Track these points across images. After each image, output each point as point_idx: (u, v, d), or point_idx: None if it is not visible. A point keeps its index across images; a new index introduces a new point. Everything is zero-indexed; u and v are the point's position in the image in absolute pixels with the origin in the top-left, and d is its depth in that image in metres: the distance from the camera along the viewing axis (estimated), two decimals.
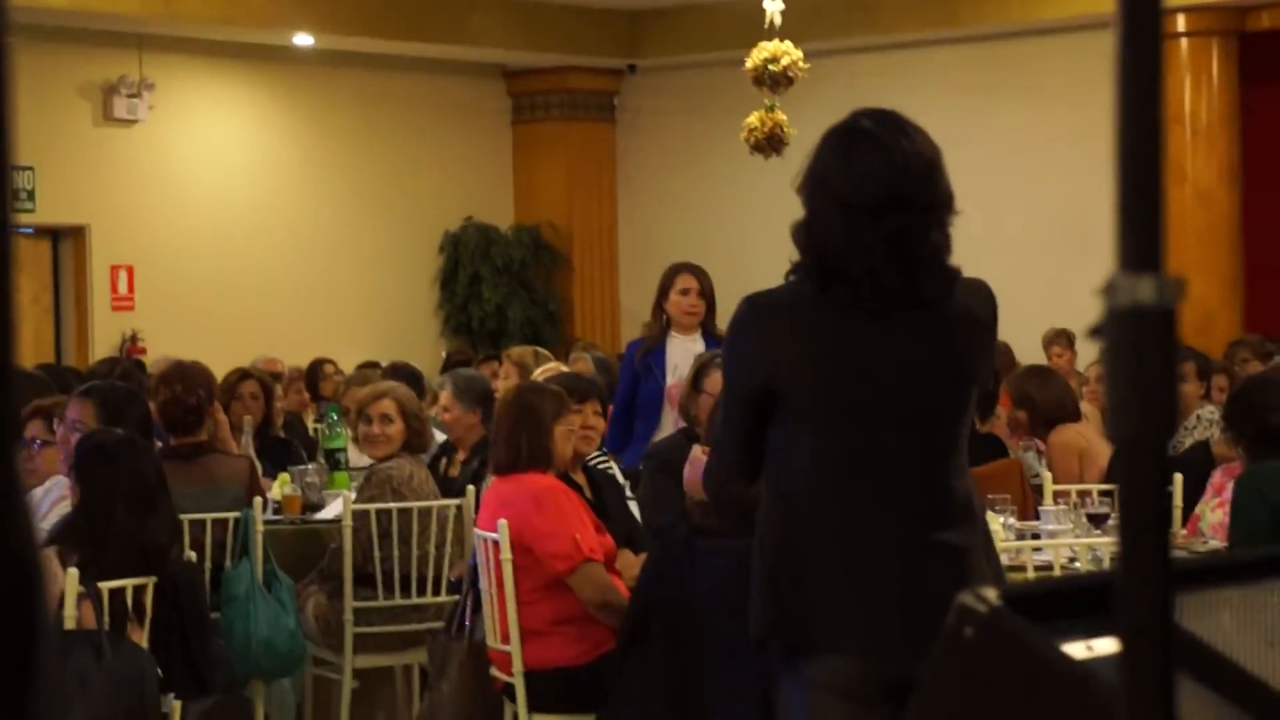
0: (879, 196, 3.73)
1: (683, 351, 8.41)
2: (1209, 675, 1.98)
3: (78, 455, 5.61)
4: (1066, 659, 1.88)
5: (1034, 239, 14.77)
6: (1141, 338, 1.06)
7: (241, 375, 8.92)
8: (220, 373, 9.18)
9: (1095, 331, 1.07)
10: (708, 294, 8.70)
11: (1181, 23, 14.54)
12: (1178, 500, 7.29)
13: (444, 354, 15.06)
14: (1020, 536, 6.46)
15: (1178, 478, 7.35)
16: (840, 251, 3.76)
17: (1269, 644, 2.06)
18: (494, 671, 6.44)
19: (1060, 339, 13.01)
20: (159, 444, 7.34)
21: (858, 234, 3.74)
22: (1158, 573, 1.08)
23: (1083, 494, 7.07)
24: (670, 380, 8.39)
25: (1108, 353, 1.08)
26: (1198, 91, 14.60)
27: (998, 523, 6.28)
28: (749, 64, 12.65)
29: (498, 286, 16.88)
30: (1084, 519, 6.41)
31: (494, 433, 6.47)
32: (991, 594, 1.95)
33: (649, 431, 8.32)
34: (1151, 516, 1.09)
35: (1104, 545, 6.07)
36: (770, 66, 12.58)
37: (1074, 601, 1.95)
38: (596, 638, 6.17)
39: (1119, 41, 1.08)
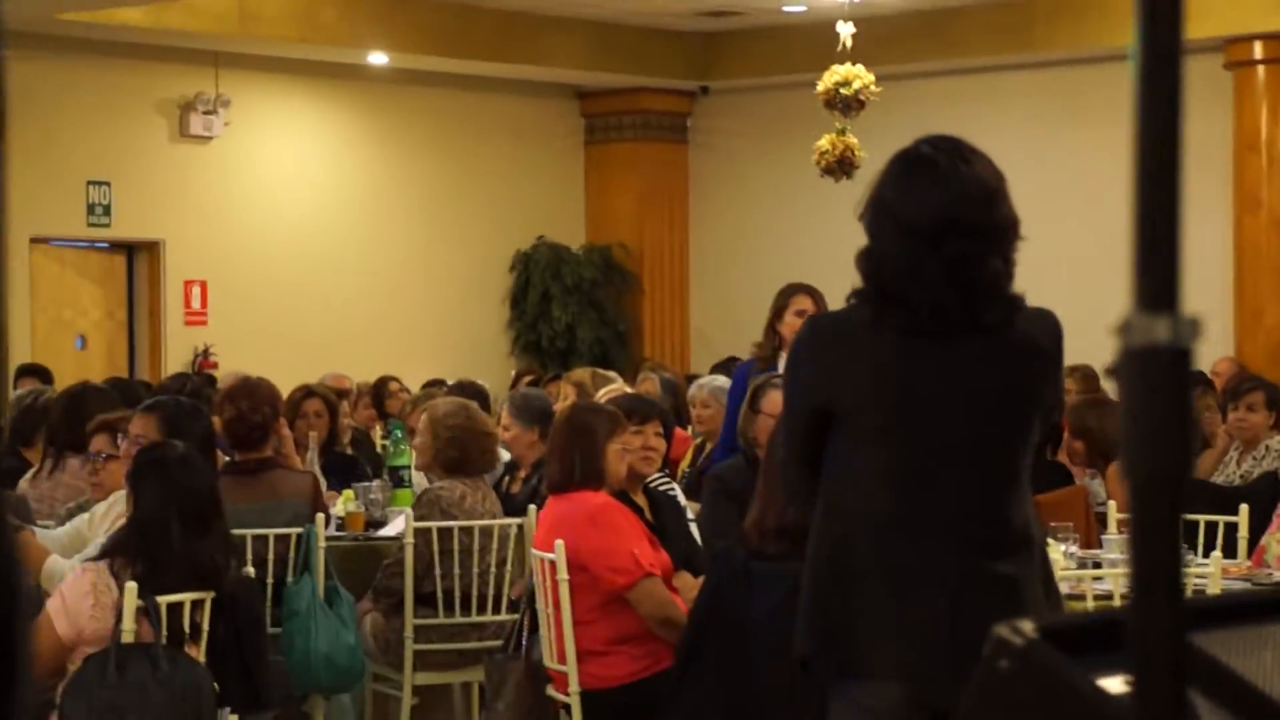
0: (937, 222, 3.72)
1: None
2: (1250, 713, 1.96)
3: (133, 468, 5.64)
4: (1102, 693, 1.87)
5: (1105, 266, 14.69)
6: (1156, 377, 1.06)
7: (306, 393, 8.97)
8: (291, 388, 9.24)
9: (1111, 371, 1.07)
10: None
11: (1258, 50, 14.44)
12: (1244, 531, 7.24)
13: (513, 373, 15.10)
14: (1081, 565, 6.42)
15: (1244, 508, 7.30)
16: (899, 277, 3.75)
17: None
18: (550, 691, 6.45)
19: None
20: (224, 459, 7.40)
21: (917, 260, 3.72)
22: (1171, 611, 1.07)
23: (1122, 524, 7.01)
24: None
25: (1123, 391, 1.08)
26: (1274, 120, 14.50)
27: (1059, 551, 6.25)
28: (820, 87, 12.67)
29: (568, 306, 16.91)
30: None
31: (548, 451, 6.49)
32: (1028, 627, 1.94)
33: None
34: (1165, 554, 1.08)
35: None
36: (842, 90, 12.59)
37: (1112, 635, 1.94)
38: (654, 655, 6.17)
39: (1137, 78, 1.07)
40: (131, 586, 5.25)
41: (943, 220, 3.71)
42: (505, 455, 8.59)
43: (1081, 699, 1.89)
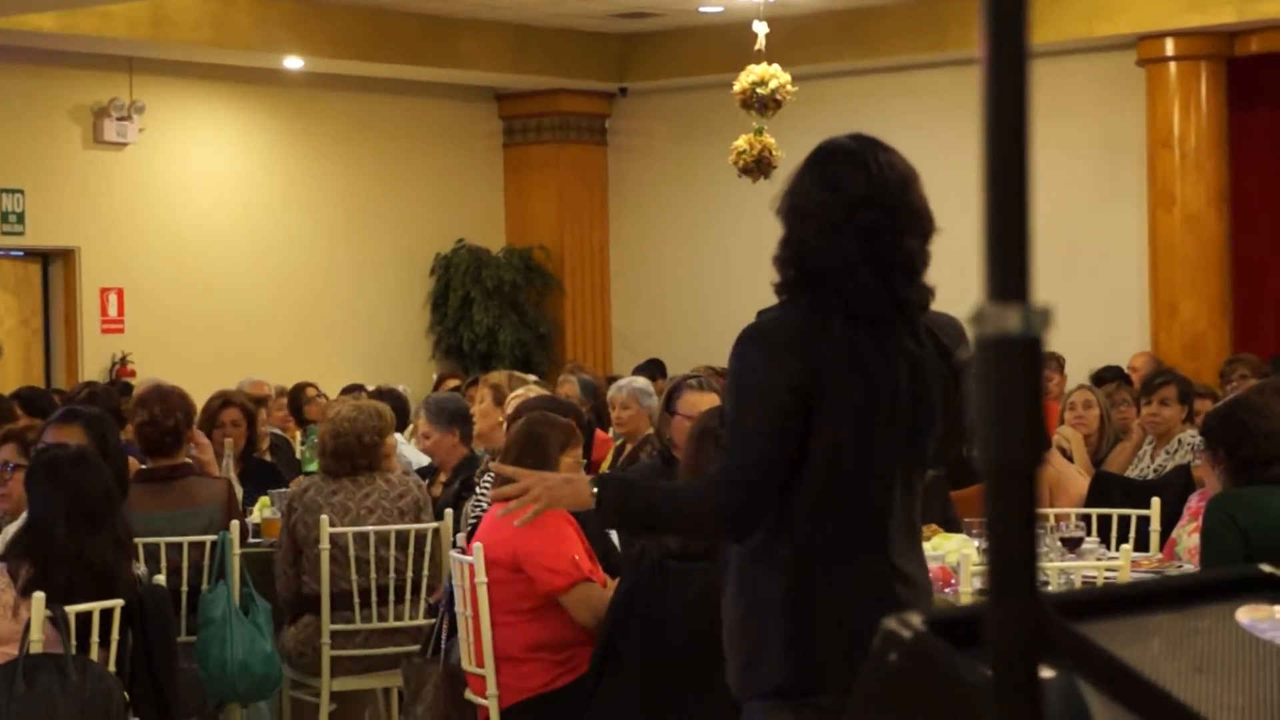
0: (852, 198, 3.72)
1: None
2: (1135, 701, 1.98)
3: (28, 470, 5.62)
4: (989, 682, 1.88)
5: None
6: (1008, 366, 1.07)
7: (224, 401, 8.92)
8: (209, 395, 9.19)
9: (964, 363, 1.08)
10: None
11: (1170, 47, 14.57)
12: (1155, 524, 7.30)
13: (435, 377, 15.07)
14: None
15: (1155, 501, 7.36)
16: (818, 255, 3.72)
17: (1197, 669, 2.06)
18: (469, 694, 6.44)
19: (1051, 362, 13.02)
20: (138, 466, 7.35)
21: (832, 234, 3.72)
22: (1026, 598, 1.08)
23: (1060, 518, 7.07)
24: None
25: (976, 381, 1.09)
26: (1186, 116, 14.62)
27: (971, 546, 6.28)
28: (737, 87, 12.70)
29: (489, 309, 16.89)
30: (1058, 543, 6.41)
31: (501, 459, 6.47)
32: (915, 619, 1.95)
33: None
34: (1020, 541, 1.09)
35: (1076, 569, 6.07)
36: (759, 89, 12.63)
37: None
38: (573, 662, 6.17)
39: (984, 71, 1.08)
40: (39, 596, 5.21)
41: (858, 196, 3.71)
42: (419, 460, 8.58)
43: (969, 689, 1.90)
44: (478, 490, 7.51)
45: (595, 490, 3.76)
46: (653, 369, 13.56)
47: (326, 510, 7.35)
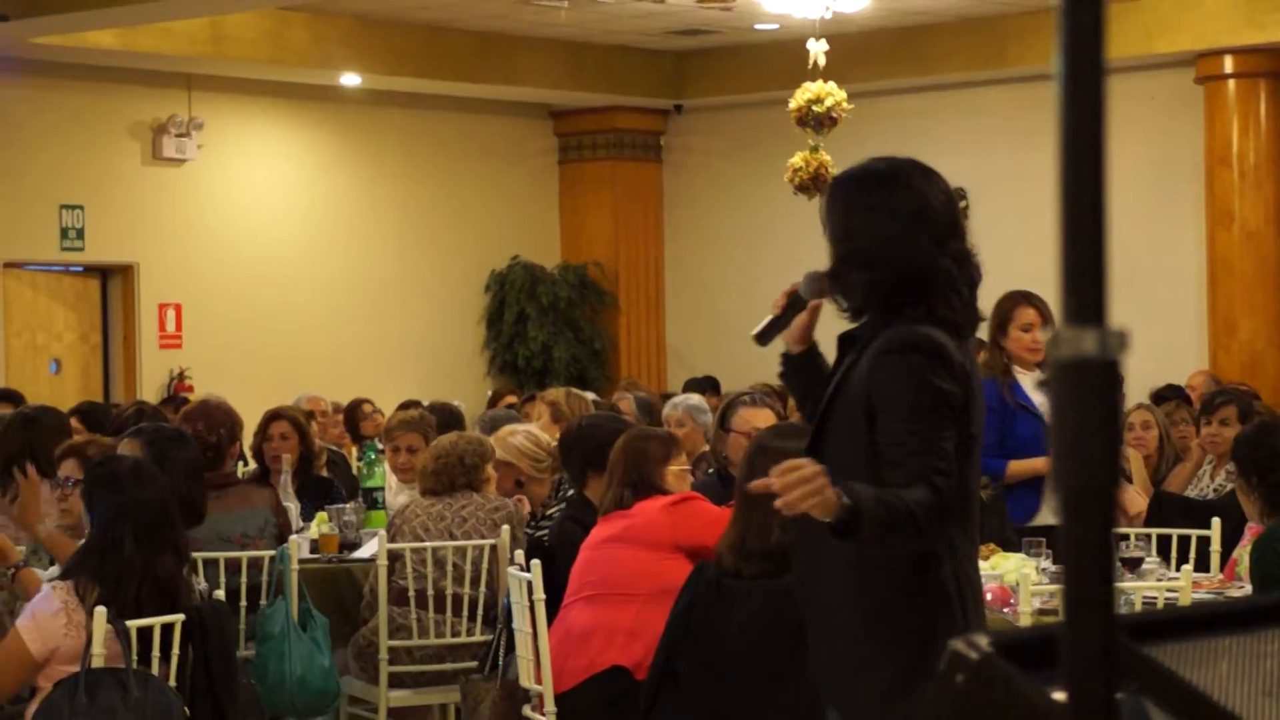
0: (943, 217, 3.84)
1: (1034, 389, 7.58)
2: None
3: (85, 484, 5.62)
4: (1057, 705, 1.87)
5: None
6: (1085, 389, 1.06)
7: (273, 415, 8.96)
8: (266, 410, 9.23)
9: (1043, 384, 1.08)
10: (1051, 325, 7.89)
11: (1229, 64, 14.50)
12: (1216, 545, 7.25)
13: (489, 393, 15.10)
14: (1055, 579, 6.42)
15: (1216, 521, 7.31)
16: (925, 270, 3.81)
17: (1265, 693, 2.05)
18: (527, 711, 6.44)
19: None
20: None
21: (934, 252, 3.82)
22: (1102, 623, 1.08)
23: (1119, 538, 7.03)
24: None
25: (1053, 404, 1.09)
26: (1245, 133, 14.55)
27: (1032, 565, 6.26)
28: (792, 105, 12.71)
29: (544, 325, 16.92)
30: (1119, 563, 6.37)
31: (607, 478, 6.50)
32: (983, 640, 1.95)
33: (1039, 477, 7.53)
34: (1096, 565, 1.09)
35: (1137, 589, 6.04)
36: (814, 107, 12.63)
37: None
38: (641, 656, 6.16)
39: (1061, 97, 1.08)
40: (101, 611, 5.24)
41: (949, 219, 3.84)
42: None
43: (1037, 712, 1.90)
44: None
45: (842, 495, 3.64)
46: (707, 385, 13.55)
47: (424, 519, 7.41)
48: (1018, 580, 5.92)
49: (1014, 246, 12.15)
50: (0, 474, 7.13)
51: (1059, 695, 1.89)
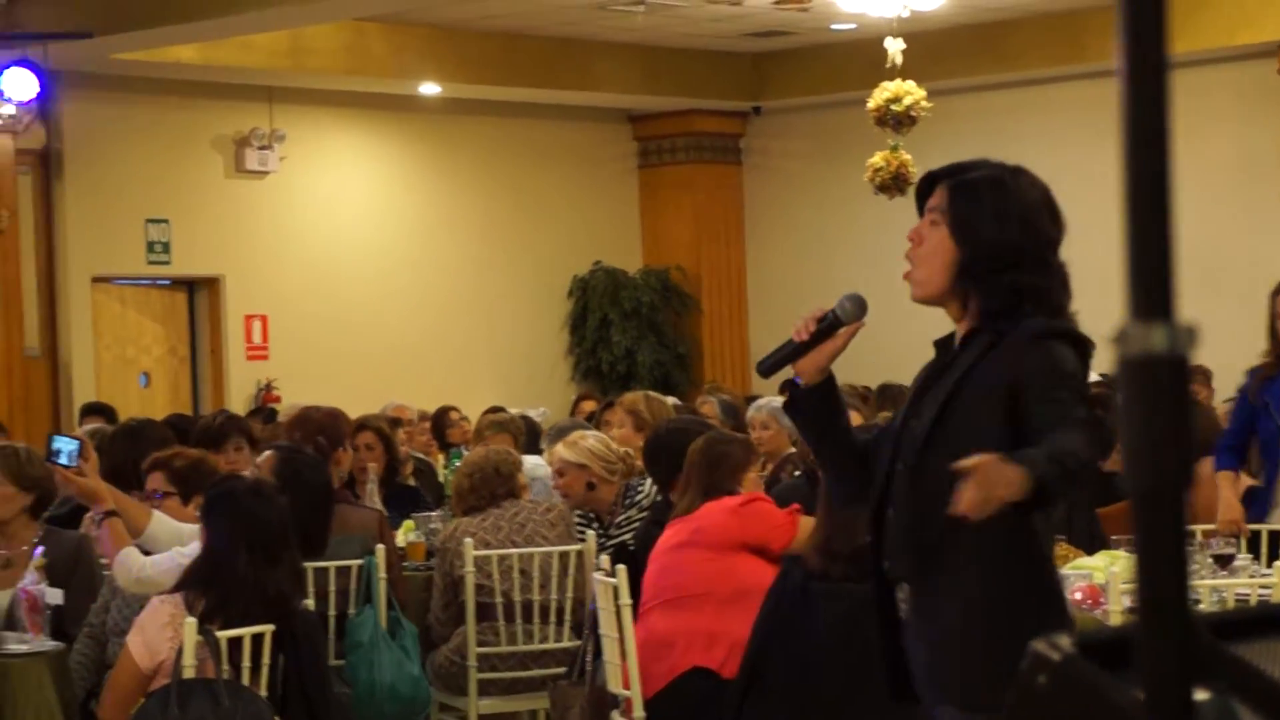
0: (1059, 224, 3.89)
1: None
2: None
3: (204, 502, 5.69)
4: (1140, 706, 1.85)
5: None
6: (1154, 386, 1.05)
7: (357, 426, 8.99)
8: (353, 419, 9.26)
9: (1110, 381, 1.07)
10: None
11: None
12: None
13: (574, 399, 15.13)
14: None
15: None
16: (1052, 276, 3.84)
17: None
18: (615, 716, 6.44)
19: (1198, 375, 12.83)
20: None
21: (1053, 265, 3.85)
22: (1176, 624, 1.07)
23: (1209, 534, 6.96)
24: None
25: (1121, 401, 1.08)
26: None
27: (1123, 563, 6.20)
28: (871, 104, 12.66)
29: (627, 330, 16.93)
30: (1210, 559, 6.31)
31: (684, 478, 6.51)
32: (1064, 641, 1.93)
33: (1272, 476, 7.21)
34: (1170, 563, 1.08)
35: (1229, 586, 5.98)
36: (893, 106, 12.58)
37: None
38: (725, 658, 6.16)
39: (1123, 88, 1.07)
40: (191, 622, 5.28)
41: (1061, 224, 3.89)
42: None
43: (1119, 713, 1.88)
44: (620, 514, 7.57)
45: (1022, 467, 3.59)
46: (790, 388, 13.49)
47: (481, 534, 7.41)
48: (1107, 579, 5.88)
49: (1097, 242, 12.04)
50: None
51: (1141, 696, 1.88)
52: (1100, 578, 6.07)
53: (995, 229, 3.85)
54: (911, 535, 3.88)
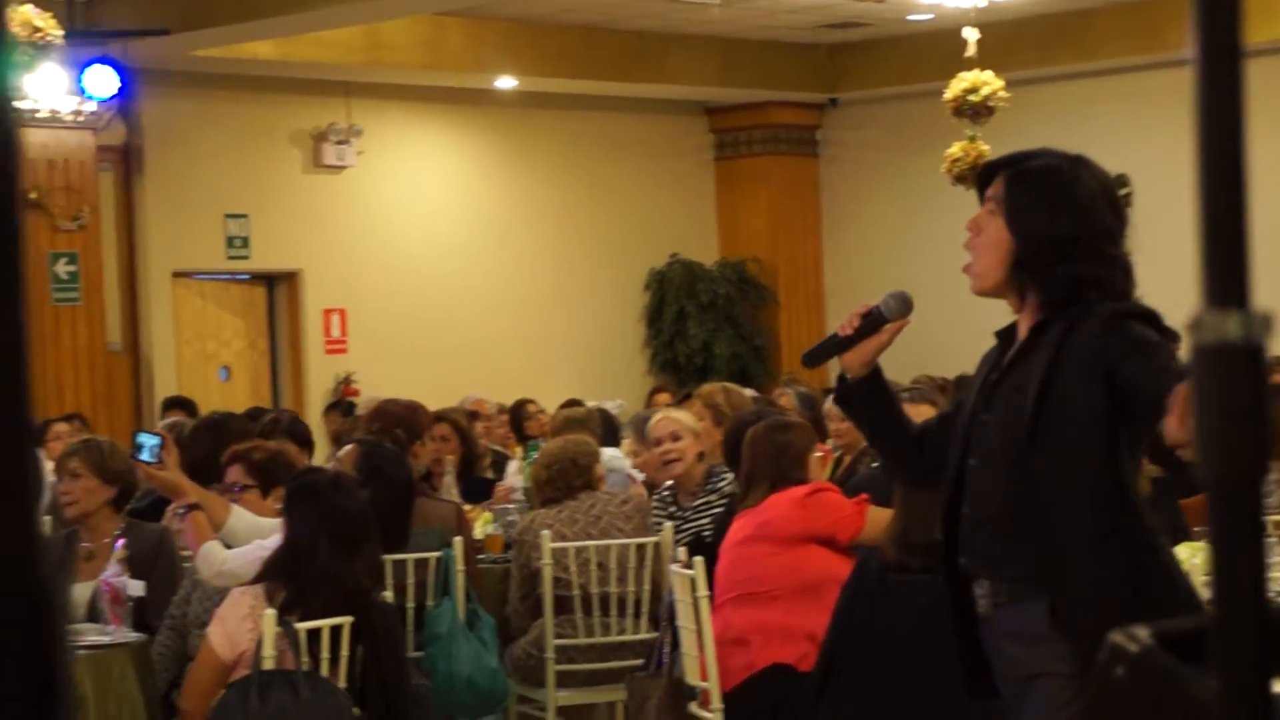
0: (1122, 216, 3.89)
1: None
2: None
3: (286, 494, 5.74)
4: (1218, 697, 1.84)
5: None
6: (1229, 375, 1.05)
7: (434, 418, 9.02)
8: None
9: (1186, 371, 1.07)
10: None
11: None
12: None
13: (649, 390, 15.15)
14: None
15: None
16: (1116, 266, 3.83)
17: None
18: (693, 708, 6.45)
19: (1276, 364, 12.71)
20: None
21: (1112, 255, 3.83)
22: (1253, 614, 1.06)
23: None
24: None
25: (1196, 390, 1.07)
26: None
27: (1204, 555, 6.15)
28: (948, 95, 12.61)
29: (704, 323, 16.93)
30: None
31: (747, 471, 6.50)
32: (1142, 632, 1.92)
33: None
34: (1245, 554, 1.07)
35: None
36: (970, 97, 12.53)
37: None
38: (803, 651, 6.16)
39: (1198, 73, 1.07)
40: (270, 614, 5.32)
41: (1124, 216, 3.90)
42: (639, 473, 8.63)
43: (1200, 706, 1.86)
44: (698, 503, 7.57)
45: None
46: None
47: (557, 527, 7.42)
48: (1189, 570, 5.83)
49: (1178, 231, 11.95)
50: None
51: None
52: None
53: (1048, 220, 3.82)
54: (1005, 527, 3.84)
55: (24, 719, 0.92)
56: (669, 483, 7.83)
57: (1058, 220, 3.82)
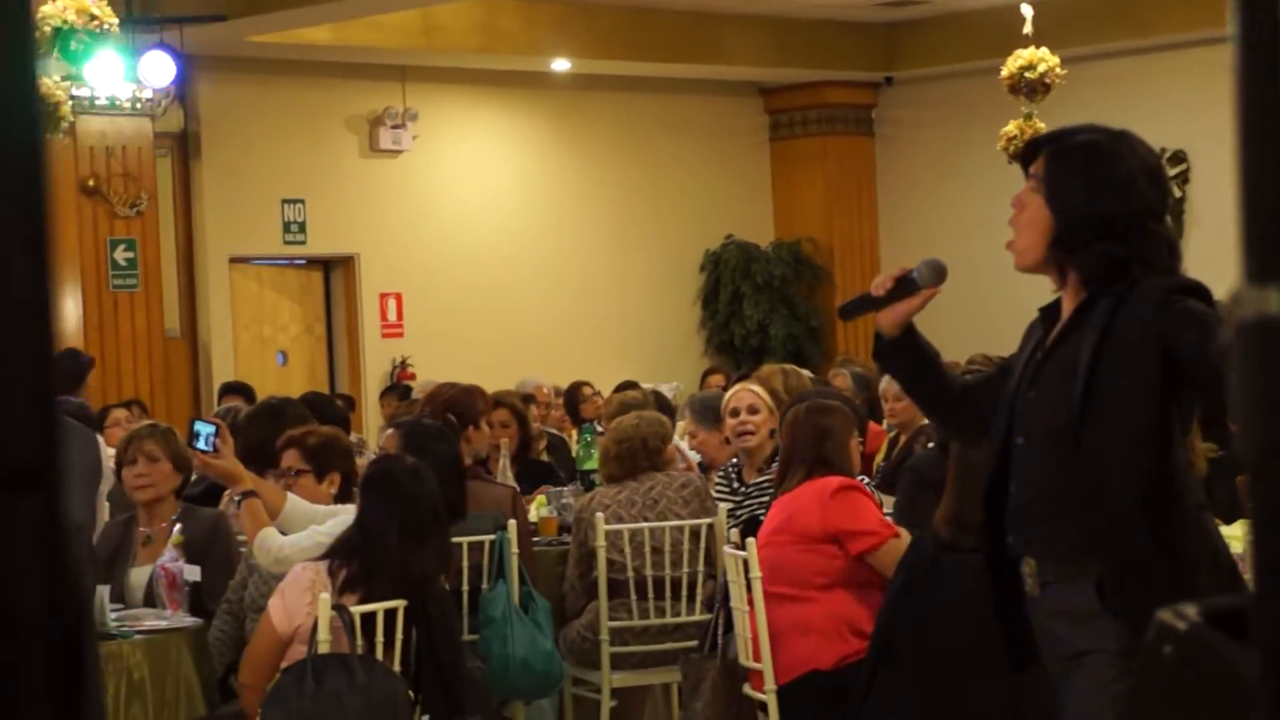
0: (1166, 192, 3.96)
1: None
2: None
3: (363, 479, 5.80)
4: None
5: None
6: (1270, 350, 1.03)
7: (492, 403, 9.02)
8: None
9: (1227, 347, 1.06)
10: None
11: None
12: None
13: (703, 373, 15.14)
14: None
15: None
16: (1161, 243, 3.83)
17: None
18: (747, 689, 6.44)
19: None
20: None
21: (1154, 231, 3.84)
22: None
23: None
24: None
25: (1237, 367, 1.06)
26: None
27: None
28: (1004, 72, 12.55)
29: (759, 304, 16.90)
30: None
31: (786, 455, 6.49)
32: (1191, 610, 1.90)
33: None
34: None
35: None
36: (1026, 74, 12.46)
37: None
38: (851, 643, 6.14)
39: (1237, 48, 1.05)
40: (324, 598, 5.34)
41: (1169, 193, 3.94)
42: (695, 455, 8.61)
43: (1249, 683, 1.84)
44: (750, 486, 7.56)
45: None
46: None
47: (614, 508, 7.43)
48: (1245, 549, 5.80)
49: (1232, 210, 11.86)
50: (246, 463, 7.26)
51: None
52: (1238, 546, 5.98)
53: (1086, 196, 3.80)
54: (1053, 505, 3.82)
55: (50, 712, 0.92)
56: (733, 460, 7.81)
57: (1097, 198, 3.80)
